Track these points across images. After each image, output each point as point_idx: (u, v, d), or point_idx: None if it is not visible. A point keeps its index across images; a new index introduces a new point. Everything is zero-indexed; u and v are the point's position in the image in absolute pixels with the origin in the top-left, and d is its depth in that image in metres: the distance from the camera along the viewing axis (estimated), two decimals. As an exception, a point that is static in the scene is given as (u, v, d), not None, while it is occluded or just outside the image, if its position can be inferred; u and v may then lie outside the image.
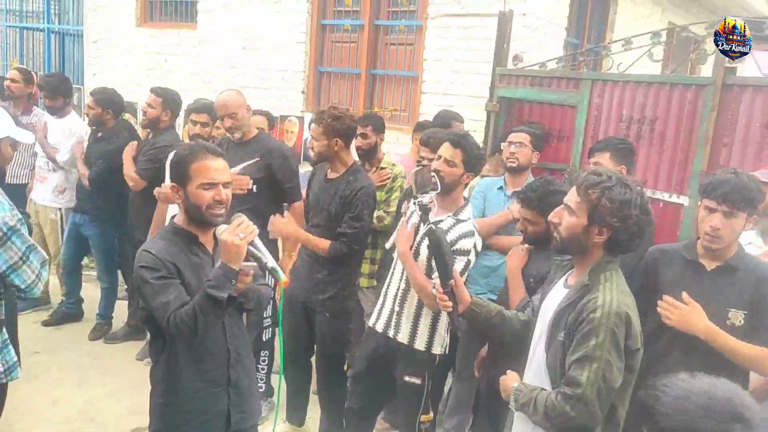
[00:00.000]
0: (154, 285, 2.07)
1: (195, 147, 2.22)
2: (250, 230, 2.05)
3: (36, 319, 4.94)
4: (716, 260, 2.38)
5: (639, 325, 1.91)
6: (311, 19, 6.06)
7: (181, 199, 2.17)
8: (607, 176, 1.91)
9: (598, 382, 1.82)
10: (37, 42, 8.89)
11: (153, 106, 4.40)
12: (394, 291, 2.96)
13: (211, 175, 2.13)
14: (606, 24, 6.37)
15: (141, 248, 2.16)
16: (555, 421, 1.88)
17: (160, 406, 2.25)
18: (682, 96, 3.59)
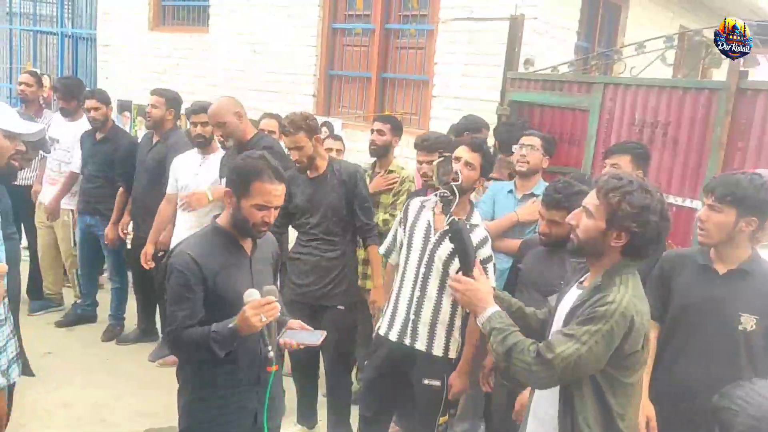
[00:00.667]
0: (175, 292, 2.13)
1: (262, 165, 2.19)
2: (272, 314, 2.08)
3: (49, 321, 4.97)
4: (729, 264, 2.36)
5: (645, 328, 1.87)
6: (322, 23, 6.08)
7: (231, 206, 2.21)
8: (628, 180, 1.88)
9: (570, 360, 1.80)
10: (51, 46, 8.99)
11: (156, 106, 4.47)
12: (406, 299, 2.93)
13: (268, 199, 2.17)
14: (617, 28, 6.36)
15: (180, 248, 2.20)
16: (513, 361, 1.88)
17: (190, 403, 2.28)
18: (696, 100, 3.57)
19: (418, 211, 2.96)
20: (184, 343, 2.12)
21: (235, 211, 2.20)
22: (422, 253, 2.88)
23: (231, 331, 2.07)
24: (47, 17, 9.19)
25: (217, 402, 2.24)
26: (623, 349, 1.84)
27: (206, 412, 2.25)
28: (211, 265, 2.15)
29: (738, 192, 2.25)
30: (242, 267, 2.24)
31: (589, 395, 1.90)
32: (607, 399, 1.89)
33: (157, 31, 7.31)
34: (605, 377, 1.88)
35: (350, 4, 6.03)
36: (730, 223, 2.27)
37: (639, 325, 1.84)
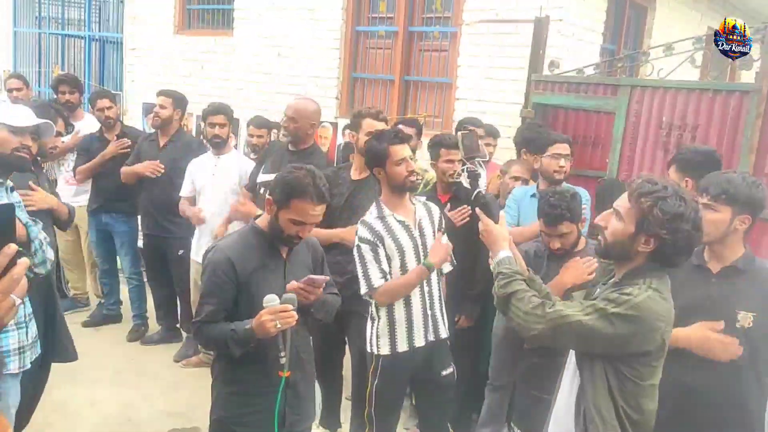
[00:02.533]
0: (207, 286, 2.27)
1: (307, 183, 2.22)
2: (288, 322, 2.14)
3: (76, 321, 5.04)
4: (722, 262, 2.35)
5: (661, 330, 1.84)
6: (345, 25, 6.10)
7: (270, 213, 2.30)
8: (662, 186, 1.85)
9: (563, 322, 1.83)
10: (78, 49, 9.12)
11: (165, 107, 4.55)
12: (419, 300, 2.88)
13: (307, 218, 2.26)
14: (643, 30, 6.28)
15: (220, 245, 2.32)
16: (511, 307, 1.93)
17: (224, 395, 2.36)
18: (725, 102, 3.52)
19: (384, 224, 2.84)
20: (206, 336, 2.28)
21: (272, 219, 2.30)
22: (416, 250, 2.84)
23: (247, 333, 2.16)
24: (75, 21, 9.34)
25: (245, 399, 2.32)
26: (630, 344, 1.82)
27: (235, 408, 2.33)
28: (246, 265, 2.26)
29: (731, 190, 2.24)
30: (277, 269, 2.33)
31: (603, 391, 1.89)
32: (616, 397, 1.88)
33: (183, 35, 7.40)
34: (617, 376, 1.87)
35: (373, 7, 6.04)
36: (726, 221, 2.26)
37: (651, 325, 1.81)
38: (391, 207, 2.85)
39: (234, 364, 2.30)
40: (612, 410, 1.88)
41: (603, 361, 1.89)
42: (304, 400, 2.41)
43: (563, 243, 2.73)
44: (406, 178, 2.77)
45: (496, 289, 2.00)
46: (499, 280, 2.00)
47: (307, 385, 2.45)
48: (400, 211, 2.85)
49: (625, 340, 1.81)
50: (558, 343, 1.91)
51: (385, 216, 2.84)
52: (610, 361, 1.88)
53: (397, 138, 2.80)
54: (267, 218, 2.34)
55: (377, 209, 2.86)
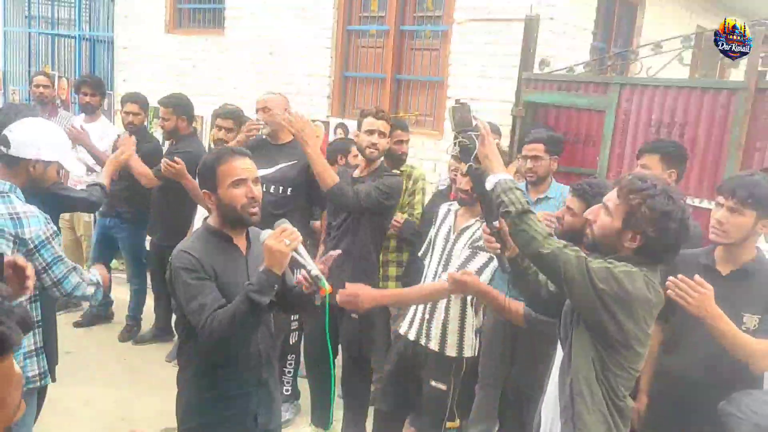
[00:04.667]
0: (192, 285, 2.08)
1: (220, 151, 2.28)
2: (295, 237, 2.05)
3: (67, 321, 5.03)
4: (732, 265, 2.36)
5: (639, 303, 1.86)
6: (337, 24, 6.11)
7: (215, 204, 2.20)
8: (652, 184, 1.87)
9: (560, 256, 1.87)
10: (68, 49, 9.08)
11: (166, 118, 4.50)
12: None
13: (238, 173, 2.16)
14: (633, 29, 6.32)
15: (179, 248, 2.18)
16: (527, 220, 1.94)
17: (191, 404, 2.26)
18: (714, 100, 3.55)
19: (445, 215, 3.02)
20: (225, 323, 2.01)
21: (219, 206, 2.19)
22: (442, 252, 2.92)
23: (265, 273, 2.01)
24: (65, 20, 9.29)
25: (216, 405, 2.23)
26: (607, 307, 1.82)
27: (206, 415, 2.24)
28: (212, 264, 2.14)
29: (759, 194, 2.24)
30: (238, 267, 2.22)
31: (590, 365, 1.92)
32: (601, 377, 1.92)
33: (174, 34, 7.38)
34: (602, 362, 1.91)
35: (365, 6, 6.05)
36: (750, 224, 2.27)
37: (631, 292, 1.82)
38: (462, 206, 2.92)
39: (203, 370, 2.21)
40: (598, 387, 1.92)
41: (591, 340, 1.92)
42: (275, 399, 2.38)
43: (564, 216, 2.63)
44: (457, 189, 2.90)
45: (512, 197, 1.98)
46: (515, 192, 1.99)
47: (276, 384, 2.40)
48: (462, 215, 2.92)
49: (604, 299, 1.83)
50: (550, 270, 1.93)
51: (452, 210, 2.99)
52: (595, 344, 1.91)
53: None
54: (216, 216, 2.24)
55: (453, 202, 3.01)
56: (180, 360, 2.32)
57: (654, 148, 3.06)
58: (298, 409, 3.98)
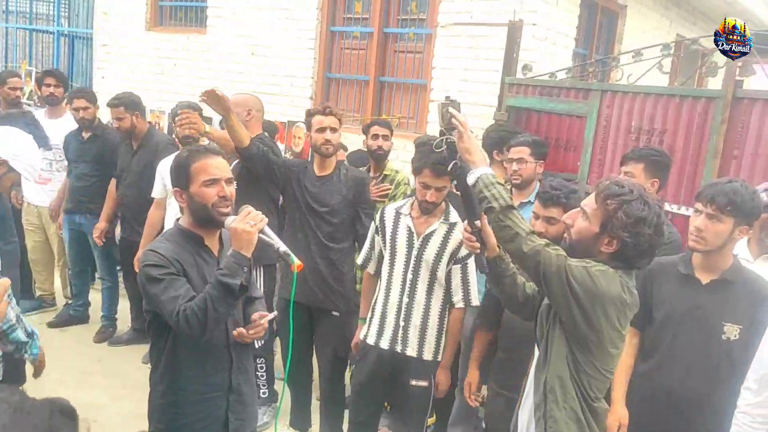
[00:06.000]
0: (163, 281, 2.05)
1: (193, 149, 2.28)
2: (260, 218, 2.06)
3: (41, 321, 4.94)
4: (711, 273, 2.37)
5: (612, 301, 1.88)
6: (320, 25, 6.09)
7: (186, 202, 2.19)
8: (629, 189, 1.89)
9: (541, 253, 1.89)
10: (46, 44, 8.94)
11: (121, 118, 4.45)
12: (395, 307, 2.95)
13: (211, 172, 2.15)
14: (614, 36, 6.39)
15: (146, 248, 2.17)
16: (510, 216, 1.97)
17: (160, 407, 2.24)
18: (692, 108, 3.59)
19: (396, 219, 2.98)
20: (198, 309, 1.98)
21: (190, 204, 2.18)
22: (408, 258, 2.91)
23: (233, 256, 2.01)
24: (43, 16, 9.15)
25: (184, 408, 2.20)
26: (581, 303, 1.85)
27: (173, 418, 2.21)
28: (180, 263, 2.11)
29: (737, 201, 2.25)
30: (209, 268, 2.19)
31: (564, 363, 1.94)
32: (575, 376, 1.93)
33: (155, 32, 7.30)
34: (575, 362, 1.93)
35: (349, 8, 6.04)
36: (728, 231, 2.28)
37: (605, 290, 1.85)
38: (415, 210, 2.94)
39: (171, 372, 2.18)
40: (571, 386, 1.93)
41: (566, 339, 1.93)
42: (248, 405, 2.35)
43: (547, 229, 2.64)
44: (421, 203, 2.87)
45: (495, 192, 1.99)
46: (498, 188, 2.00)
47: (250, 389, 2.37)
48: (418, 218, 2.92)
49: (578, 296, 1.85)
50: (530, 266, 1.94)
51: (402, 213, 2.96)
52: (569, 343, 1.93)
53: (435, 168, 2.76)
54: (187, 216, 2.22)
55: (404, 204, 3.00)
56: (151, 360, 2.30)
57: (639, 156, 3.07)
58: (276, 412, 3.94)
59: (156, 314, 2.13)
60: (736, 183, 2.32)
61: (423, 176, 2.81)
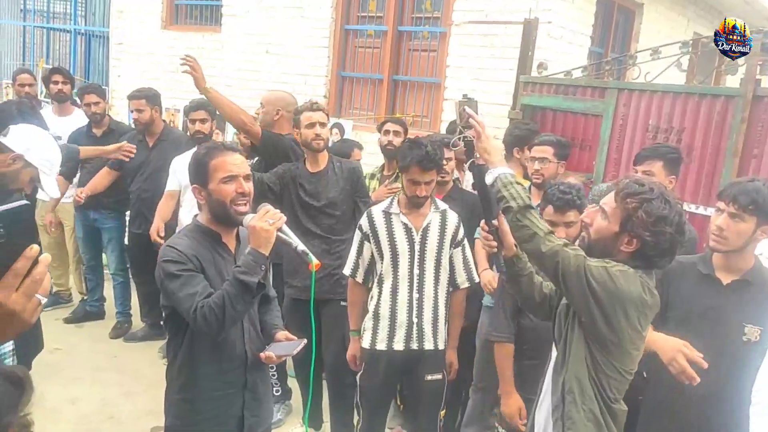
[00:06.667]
0: (181, 277, 2.06)
1: (211, 146, 2.28)
2: (278, 217, 2.07)
3: (57, 317, 4.99)
4: (732, 274, 2.34)
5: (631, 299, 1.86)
6: (335, 24, 6.09)
7: (205, 199, 2.20)
8: (649, 188, 1.87)
9: (562, 253, 1.87)
10: (63, 43, 9.02)
11: (141, 110, 4.48)
12: (405, 304, 2.93)
13: (229, 168, 2.16)
14: (630, 34, 6.33)
15: (165, 244, 2.18)
16: (528, 215, 1.95)
17: (176, 402, 2.25)
18: (711, 107, 3.55)
19: (387, 220, 2.96)
20: (216, 306, 1.99)
21: (208, 201, 2.18)
22: (411, 255, 2.92)
23: (251, 254, 2.02)
24: (60, 14, 9.24)
25: (199, 405, 2.20)
26: (600, 303, 1.83)
27: (188, 414, 2.22)
28: (197, 259, 2.12)
29: (760, 200, 2.21)
30: (226, 265, 2.20)
31: (582, 364, 1.92)
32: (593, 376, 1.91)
33: (170, 30, 7.34)
34: (594, 360, 1.91)
35: (363, 6, 6.03)
36: (750, 231, 2.25)
37: (625, 290, 1.83)
38: (403, 206, 2.94)
39: (187, 370, 2.18)
40: (590, 387, 1.91)
41: (585, 340, 1.91)
42: (263, 403, 2.36)
43: (569, 233, 2.65)
44: (413, 198, 2.89)
45: (512, 192, 1.98)
46: (509, 188, 1.99)
47: (265, 386, 2.38)
48: (410, 213, 2.94)
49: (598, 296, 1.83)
50: (549, 267, 1.92)
51: (392, 213, 2.94)
52: (588, 343, 1.91)
53: (421, 163, 2.80)
54: (206, 212, 2.23)
55: (389, 203, 2.98)
56: (168, 355, 2.31)
57: (657, 155, 3.02)
58: (290, 409, 3.95)
59: (174, 310, 2.14)
60: (758, 182, 2.28)
61: (411, 173, 2.83)
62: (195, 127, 4.22)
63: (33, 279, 0.97)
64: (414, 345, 2.93)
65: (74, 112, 5.14)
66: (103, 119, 4.80)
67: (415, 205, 2.93)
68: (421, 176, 2.83)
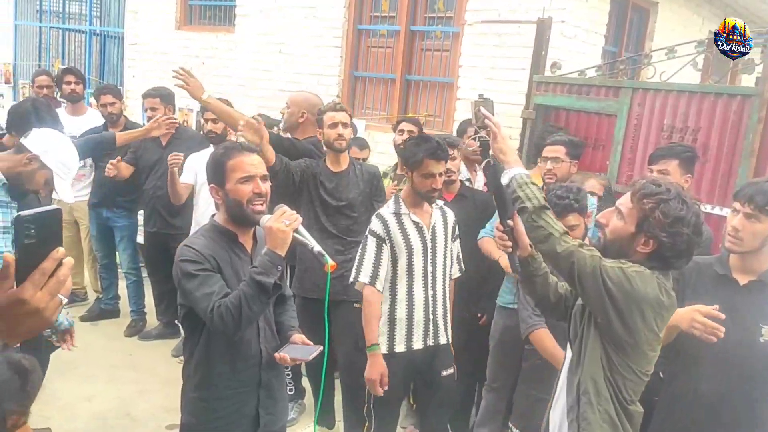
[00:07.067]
0: (198, 277, 2.09)
1: (229, 146, 2.30)
2: (295, 218, 2.08)
3: (73, 315, 5.01)
4: (749, 274, 2.32)
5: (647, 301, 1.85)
6: (347, 23, 6.10)
7: (222, 198, 2.21)
8: (666, 189, 1.86)
9: (577, 254, 1.88)
10: (79, 43, 9.10)
11: (155, 108, 4.52)
12: (422, 303, 2.93)
13: (246, 169, 2.18)
14: (645, 33, 6.28)
15: (182, 243, 2.20)
16: (543, 216, 1.96)
17: (192, 400, 2.27)
18: (727, 106, 3.52)
19: (399, 221, 2.93)
20: (233, 306, 2.01)
21: (225, 201, 2.20)
22: (425, 253, 2.93)
23: (268, 254, 2.04)
24: (76, 15, 9.32)
25: (214, 403, 2.22)
26: (616, 303, 1.83)
27: (204, 412, 2.24)
28: (214, 259, 2.14)
29: None
30: (243, 265, 2.22)
31: (598, 364, 1.91)
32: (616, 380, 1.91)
33: (184, 30, 7.39)
34: (609, 361, 1.90)
35: (376, 6, 6.04)
36: (766, 231, 2.23)
37: (641, 292, 1.82)
38: (409, 205, 2.94)
39: (209, 366, 2.20)
40: (606, 388, 1.90)
41: (600, 340, 1.91)
42: (278, 401, 2.37)
43: (572, 236, 2.68)
44: (428, 192, 2.87)
45: (528, 192, 1.98)
46: (525, 188, 1.99)
47: (280, 384, 2.39)
48: (417, 212, 2.95)
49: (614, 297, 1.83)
50: (564, 267, 1.92)
51: (401, 213, 2.94)
52: (604, 344, 1.90)
53: (435, 155, 2.81)
54: (223, 212, 2.24)
55: (395, 204, 2.96)
56: (184, 353, 2.33)
57: (672, 154, 3.01)
58: (303, 408, 3.97)
59: (190, 309, 2.16)
60: None
61: (424, 167, 2.82)
62: (208, 126, 4.26)
63: (58, 279, 1.00)
64: (431, 341, 2.94)
65: (87, 111, 5.20)
66: (119, 119, 4.84)
67: (429, 200, 2.94)
68: (436, 167, 2.83)
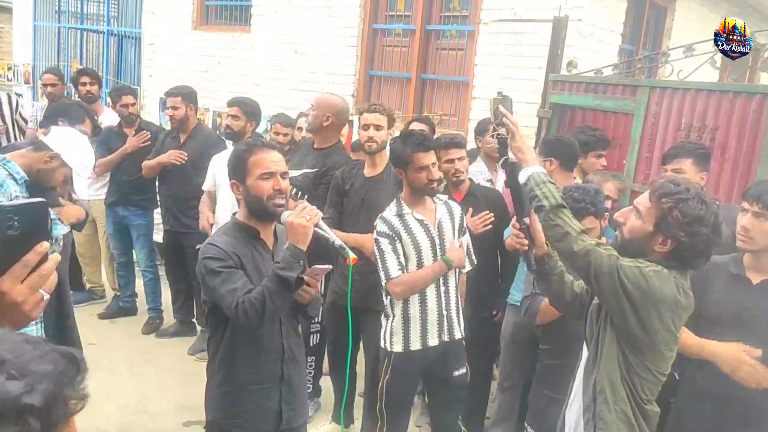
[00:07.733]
0: (222, 273, 2.12)
1: (250, 143, 2.34)
2: (315, 213, 2.11)
3: (91, 312, 5.10)
4: (762, 274, 2.30)
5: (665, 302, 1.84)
6: (363, 23, 6.11)
7: (242, 194, 2.25)
8: (685, 188, 1.85)
9: (594, 253, 1.87)
10: (96, 44, 9.20)
11: (176, 107, 4.58)
12: (435, 300, 2.92)
13: (267, 165, 2.21)
14: (662, 31, 6.24)
15: (206, 241, 2.24)
16: (561, 215, 1.96)
17: (216, 396, 2.31)
18: (746, 104, 3.49)
19: (403, 220, 2.90)
20: (257, 301, 2.04)
21: (246, 197, 2.23)
22: (434, 250, 2.90)
23: (289, 249, 2.07)
24: (93, 16, 9.42)
25: (238, 398, 2.26)
26: (634, 303, 1.82)
27: (229, 407, 2.28)
28: (237, 256, 2.17)
29: None
30: (264, 261, 2.25)
31: (615, 364, 1.91)
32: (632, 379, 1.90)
33: (201, 31, 7.44)
34: (626, 360, 1.90)
35: (391, 5, 6.05)
36: None
37: (659, 291, 1.82)
38: (411, 205, 2.91)
39: (233, 361, 2.23)
40: (622, 387, 1.90)
41: (617, 340, 1.91)
42: (300, 396, 2.40)
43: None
44: (426, 185, 2.84)
45: (546, 191, 1.99)
46: (542, 187, 2.00)
47: (301, 380, 2.42)
48: (420, 210, 2.91)
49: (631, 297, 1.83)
50: (581, 266, 1.92)
51: (404, 214, 2.90)
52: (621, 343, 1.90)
53: (422, 146, 2.81)
54: (243, 209, 2.27)
55: (397, 206, 2.92)
56: (209, 350, 2.38)
57: (687, 152, 3.00)
58: (318, 406, 3.99)
59: (214, 305, 2.20)
60: None
61: (415, 161, 2.79)
62: (226, 121, 4.32)
63: (40, 273, 0.98)
64: (446, 337, 2.93)
65: (104, 111, 5.26)
66: (136, 120, 4.94)
67: (429, 193, 2.91)
68: (426, 159, 2.81)
